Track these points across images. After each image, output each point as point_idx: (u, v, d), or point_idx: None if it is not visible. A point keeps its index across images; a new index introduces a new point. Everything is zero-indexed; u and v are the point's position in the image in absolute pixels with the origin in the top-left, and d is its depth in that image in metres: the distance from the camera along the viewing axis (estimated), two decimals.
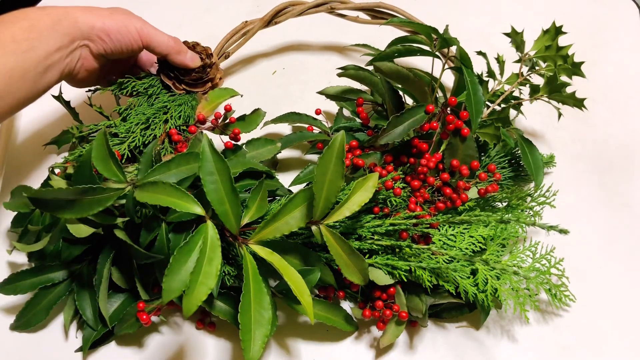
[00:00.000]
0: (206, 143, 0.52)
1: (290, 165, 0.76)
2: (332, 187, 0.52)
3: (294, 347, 0.61)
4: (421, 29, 0.62)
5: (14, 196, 0.65)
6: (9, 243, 0.69)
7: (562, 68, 0.66)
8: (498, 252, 0.60)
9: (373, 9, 0.81)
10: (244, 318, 0.49)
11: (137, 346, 0.62)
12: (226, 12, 0.95)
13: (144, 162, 0.58)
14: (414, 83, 0.63)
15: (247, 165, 0.62)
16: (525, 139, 0.66)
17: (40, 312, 0.61)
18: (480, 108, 0.59)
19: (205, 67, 0.71)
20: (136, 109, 0.68)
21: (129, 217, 0.55)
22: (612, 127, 0.80)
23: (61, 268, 0.61)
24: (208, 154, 0.52)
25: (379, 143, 0.61)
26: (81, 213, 0.50)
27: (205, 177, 0.51)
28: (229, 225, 0.52)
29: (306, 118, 0.73)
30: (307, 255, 0.56)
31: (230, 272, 0.59)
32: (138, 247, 0.55)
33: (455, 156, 0.62)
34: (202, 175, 0.51)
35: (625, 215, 0.71)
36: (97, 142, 0.53)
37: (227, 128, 0.68)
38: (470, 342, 0.61)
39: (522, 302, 0.57)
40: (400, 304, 0.58)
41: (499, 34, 0.71)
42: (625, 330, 0.63)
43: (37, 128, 0.80)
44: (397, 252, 0.59)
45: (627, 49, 0.89)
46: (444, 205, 0.60)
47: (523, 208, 0.63)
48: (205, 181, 0.51)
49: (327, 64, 0.88)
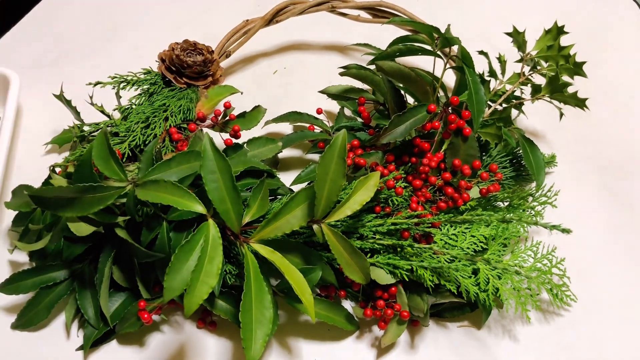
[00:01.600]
0: (207, 142, 0.52)
1: (292, 165, 0.76)
2: (333, 186, 0.52)
3: (295, 346, 0.61)
4: (422, 28, 0.62)
5: (15, 195, 0.65)
6: (9, 242, 0.68)
7: (564, 68, 0.65)
8: (499, 252, 0.59)
9: (374, 7, 0.81)
10: (245, 317, 0.49)
11: (138, 345, 0.61)
12: (227, 12, 0.95)
13: (144, 160, 0.58)
14: (415, 82, 0.63)
15: (249, 164, 0.62)
16: (526, 138, 0.66)
17: (42, 311, 0.61)
18: (482, 108, 0.59)
19: (206, 62, 0.71)
20: (136, 107, 0.68)
21: (130, 215, 0.55)
22: (613, 127, 0.80)
23: (62, 267, 0.61)
24: (210, 153, 0.52)
25: (380, 142, 0.61)
26: (82, 211, 0.50)
27: (206, 176, 0.51)
28: (231, 223, 0.52)
29: (307, 117, 0.73)
30: (309, 254, 0.56)
31: (232, 271, 0.59)
32: (139, 245, 0.55)
33: (457, 156, 0.61)
34: (203, 174, 0.51)
35: (626, 216, 0.71)
36: (98, 141, 0.53)
37: (227, 125, 0.68)
38: (472, 341, 0.61)
39: (524, 301, 0.57)
40: (402, 304, 0.58)
41: (500, 34, 0.71)
42: (626, 329, 0.63)
43: (38, 127, 0.80)
44: (399, 252, 0.59)
45: (628, 49, 0.89)
46: (446, 205, 0.60)
47: (525, 208, 0.63)
48: (206, 180, 0.51)
49: (328, 63, 0.88)
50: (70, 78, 0.82)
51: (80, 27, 0.96)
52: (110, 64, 0.88)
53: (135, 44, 0.93)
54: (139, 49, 0.92)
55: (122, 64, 0.80)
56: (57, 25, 0.96)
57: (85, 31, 0.95)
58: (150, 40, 0.93)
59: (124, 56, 0.91)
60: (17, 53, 0.91)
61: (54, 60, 0.90)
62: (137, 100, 0.70)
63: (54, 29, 0.95)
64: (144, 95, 0.70)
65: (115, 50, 0.92)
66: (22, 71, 0.79)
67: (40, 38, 0.94)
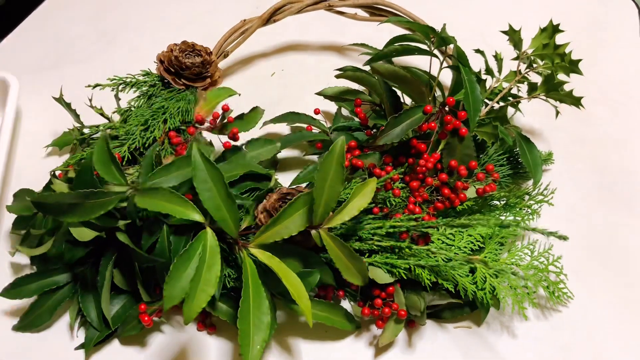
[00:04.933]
0: (196, 152, 0.52)
1: (290, 165, 0.76)
2: (332, 192, 0.52)
3: (294, 345, 0.62)
4: (418, 28, 0.62)
5: (16, 199, 0.65)
6: (10, 244, 0.69)
7: (560, 66, 0.66)
8: (496, 251, 0.60)
9: (371, 6, 0.81)
10: (243, 324, 0.50)
11: (140, 345, 0.62)
12: (225, 13, 0.95)
13: (145, 165, 0.58)
14: (411, 84, 0.64)
15: (248, 167, 0.62)
16: (523, 136, 0.66)
17: (44, 313, 0.61)
18: (478, 106, 0.59)
19: (205, 63, 0.72)
20: (135, 110, 0.69)
21: (131, 219, 0.55)
22: (611, 127, 0.80)
23: (65, 271, 0.61)
24: (200, 163, 0.52)
25: (377, 143, 0.61)
26: (83, 217, 0.51)
27: (199, 186, 0.52)
28: (228, 230, 0.53)
29: (305, 118, 0.73)
30: (307, 257, 0.56)
31: (231, 274, 0.59)
32: (140, 250, 0.56)
33: (453, 156, 0.62)
34: (196, 184, 0.52)
35: (624, 215, 0.71)
36: (99, 146, 0.54)
37: (225, 128, 0.68)
38: (471, 339, 0.62)
39: (521, 299, 0.58)
40: (399, 303, 0.59)
41: (496, 33, 0.71)
42: (623, 327, 0.63)
43: (37, 130, 0.81)
44: (397, 252, 0.59)
45: (626, 48, 0.89)
46: (443, 205, 0.61)
47: (521, 206, 0.64)
48: (199, 189, 0.52)
49: (326, 64, 0.88)
50: (70, 81, 0.82)
51: (79, 31, 0.96)
52: (109, 67, 0.88)
53: (134, 47, 0.93)
54: (137, 51, 0.92)
55: (121, 67, 0.81)
56: (56, 29, 0.96)
57: (84, 34, 0.95)
58: (149, 43, 0.93)
59: (123, 59, 0.91)
60: (16, 56, 0.91)
61: (53, 63, 0.91)
62: (136, 102, 0.70)
63: (53, 33, 0.95)
64: (143, 98, 0.71)
65: (114, 53, 0.92)
66: (21, 75, 0.80)
67: (39, 41, 0.94)
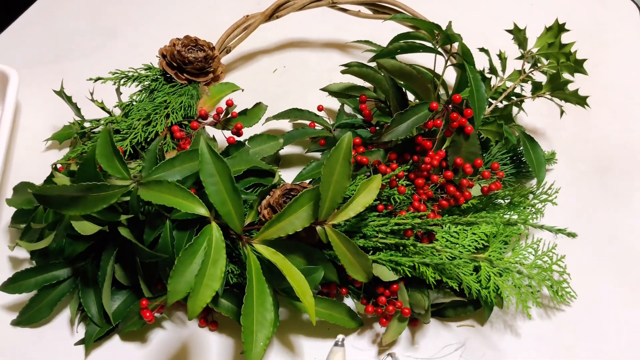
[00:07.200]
0: (204, 145, 0.51)
1: (293, 162, 0.76)
2: (338, 187, 0.52)
3: (296, 343, 0.61)
4: (423, 25, 0.62)
5: (16, 192, 0.65)
6: (9, 238, 0.68)
7: (565, 65, 0.65)
8: (500, 249, 0.60)
9: (375, 3, 0.80)
10: (247, 320, 0.49)
11: (141, 341, 0.62)
12: (227, 10, 0.95)
13: (148, 159, 0.58)
14: (417, 80, 0.63)
15: (251, 163, 0.62)
16: (527, 135, 0.66)
17: (44, 308, 0.61)
18: (483, 105, 0.59)
19: (207, 58, 0.71)
20: (137, 104, 0.68)
21: (133, 214, 0.55)
22: (613, 127, 0.80)
23: (65, 265, 0.61)
24: (207, 156, 0.51)
25: (382, 140, 0.61)
26: (86, 210, 0.50)
27: (205, 179, 0.51)
28: (233, 225, 0.52)
29: (308, 114, 0.73)
30: (311, 253, 0.56)
31: (234, 271, 0.59)
32: (142, 245, 0.55)
33: (458, 154, 0.62)
34: (202, 178, 0.51)
35: (626, 215, 0.71)
36: (102, 139, 0.53)
37: (229, 123, 0.67)
38: (474, 337, 0.62)
39: (525, 298, 0.57)
40: (403, 301, 0.59)
41: (500, 33, 0.70)
42: (626, 326, 0.63)
43: (37, 123, 0.80)
44: (401, 249, 0.59)
45: (628, 49, 0.89)
46: (448, 203, 0.60)
47: (525, 205, 0.64)
48: (206, 183, 0.51)
49: (328, 61, 0.87)
50: (70, 75, 0.81)
51: (80, 24, 0.95)
52: (110, 62, 0.88)
53: (135, 42, 0.92)
54: (139, 46, 0.91)
55: (123, 62, 0.80)
56: (57, 22, 0.96)
57: (85, 28, 0.95)
58: (151, 38, 0.92)
59: (124, 53, 0.90)
60: (16, 50, 0.91)
61: (53, 57, 0.90)
62: (138, 96, 0.70)
63: (54, 26, 0.95)
64: (145, 92, 0.70)
65: (116, 48, 0.92)
66: (21, 68, 0.79)
67: (40, 35, 0.93)
